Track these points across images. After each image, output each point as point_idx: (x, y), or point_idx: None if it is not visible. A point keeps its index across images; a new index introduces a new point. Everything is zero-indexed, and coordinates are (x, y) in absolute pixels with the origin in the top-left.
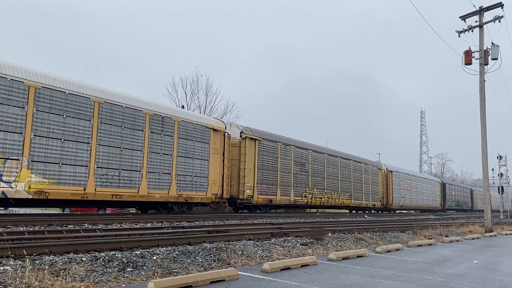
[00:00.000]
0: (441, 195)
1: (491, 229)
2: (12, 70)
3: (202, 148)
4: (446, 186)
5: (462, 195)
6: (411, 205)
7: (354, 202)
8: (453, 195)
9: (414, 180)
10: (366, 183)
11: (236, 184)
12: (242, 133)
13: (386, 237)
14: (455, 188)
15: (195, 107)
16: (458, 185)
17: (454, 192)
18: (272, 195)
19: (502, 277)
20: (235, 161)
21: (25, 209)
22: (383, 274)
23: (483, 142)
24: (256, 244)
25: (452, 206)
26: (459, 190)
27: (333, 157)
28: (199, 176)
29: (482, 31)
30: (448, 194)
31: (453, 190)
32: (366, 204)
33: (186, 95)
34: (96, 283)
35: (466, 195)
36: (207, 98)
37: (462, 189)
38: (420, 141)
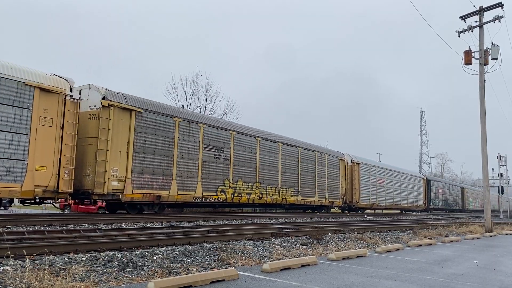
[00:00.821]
0: (425, 193)
1: (491, 229)
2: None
3: (14, 115)
4: (431, 183)
5: (451, 194)
6: (385, 204)
7: (302, 200)
8: (440, 193)
9: (390, 175)
10: (321, 176)
11: (92, 172)
12: (106, 99)
13: (386, 237)
14: (442, 186)
15: (195, 107)
16: (446, 182)
17: (442, 190)
18: (162, 190)
19: (502, 277)
20: (92, 140)
21: (25, 209)
22: (383, 274)
23: (483, 142)
24: (256, 244)
25: (439, 205)
26: (448, 187)
27: (271, 142)
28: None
29: (482, 31)
30: (434, 192)
31: (439, 188)
32: (320, 202)
33: (186, 95)
34: (96, 283)
35: (455, 194)
36: (207, 98)
37: (451, 186)
38: (420, 141)
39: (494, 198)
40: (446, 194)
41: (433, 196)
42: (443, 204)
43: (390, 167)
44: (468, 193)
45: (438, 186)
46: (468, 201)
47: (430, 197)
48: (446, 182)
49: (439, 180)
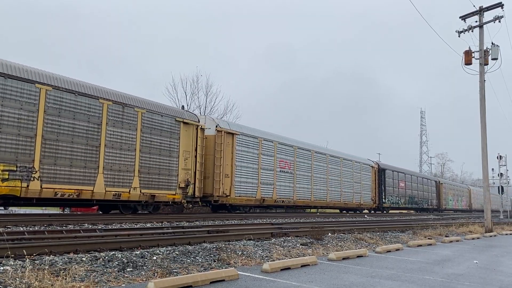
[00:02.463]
0: (375, 187)
1: (491, 229)
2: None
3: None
4: (386, 173)
5: (420, 189)
6: (293, 199)
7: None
8: (402, 187)
9: (306, 157)
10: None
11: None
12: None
13: (386, 237)
14: (406, 178)
15: (195, 107)
16: (413, 174)
17: (405, 183)
18: None
19: (502, 277)
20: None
21: (25, 209)
22: (383, 274)
23: (483, 142)
24: (256, 244)
25: (400, 203)
26: (416, 181)
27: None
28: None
29: (482, 31)
30: (392, 186)
31: (401, 180)
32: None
33: (186, 95)
34: (96, 283)
35: (428, 189)
36: (207, 98)
37: (422, 180)
38: (420, 141)
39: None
40: (412, 189)
41: (389, 190)
42: (407, 202)
43: (307, 146)
44: (446, 188)
45: (399, 178)
46: (446, 199)
47: (384, 191)
48: (413, 174)
49: (401, 170)
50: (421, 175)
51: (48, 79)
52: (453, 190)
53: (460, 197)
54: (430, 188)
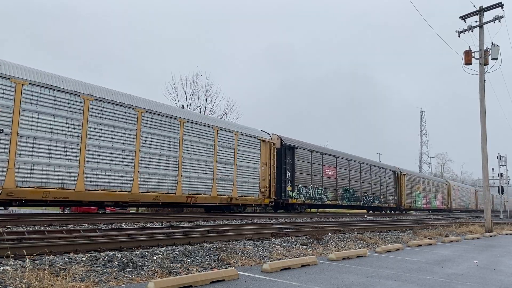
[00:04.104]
0: (269, 172)
1: (491, 229)
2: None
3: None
4: (297, 154)
5: (367, 180)
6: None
7: None
8: (331, 176)
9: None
10: None
11: None
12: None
13: (386, 237)
14: (339, 163)
15: (195, 107)
16: (352, 159)
17: (335, 170)
18: None
19: (502, 277)
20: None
21: (25, 209)
22: (383, 274)
23: (483, 142)
24: (256, 244)
25: (325, 198)
26: (357, 168)
27: (366, 165)
28: None
29: (482, 31)
30: (307, 172)
31: (328, 166)
32: None
33: (186, 95)
34: (96, 283)
35: (381, 181)
36: (207, 98)
37: (371, 168)
38: (420, 141)
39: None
40: (351, 180)
41: (302, 179)
42: (339, 197)
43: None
44: (411, 181)
45: (325, 163)
46: (411, 195)
47: (291, 180)
48: (353, 159)
49: (329, 152)
50: (368, 161)
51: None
52: (423, 184)
53: (434, 194)
54: (385, 180)
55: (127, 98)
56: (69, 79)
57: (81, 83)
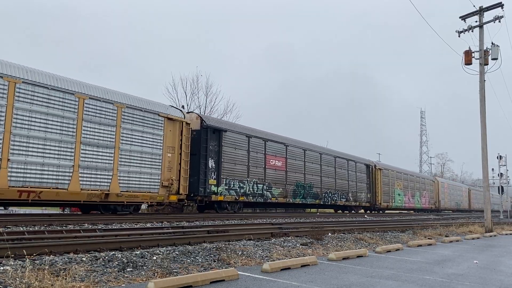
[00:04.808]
0: (180, 161)
1: (491, 229)
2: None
3: None
4: (225, 138)
5: (331, 174)
6: None
7: None
8: (277, 167)
9: None
10: None
11: None
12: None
13: (386, 237)
14: (290, 153)
15: (195, 107)
16: (310, 149)
17: (285, 161)
18: None
19: (502, 277)
20: None
21: (25, 209)
22: (383, 274)
23: (483, 142)
24: (256, 244)
25: (268, 194)
26: (316, 160)
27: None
28: None
29: (482, 31)
30: (240, 162)
31: (273, 156)
32: None
33: (186, 95)
34: (96, 283)
35: (350, 176)
36: (207, 98)
37: (335, 160)
38: (420, 141)
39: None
40: (307, 173)
41: (229, 170)
42: (289, 193)
43: None
44: (389, 177)
45: (268, 151)
46: (389, 192)
47: (215, 172)
48: (311, 149)
49: (273, 137)
50: (332, 152)
51: None
52: (405, 180)
53: (418, 192)
54: (355, 174)
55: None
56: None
57: None
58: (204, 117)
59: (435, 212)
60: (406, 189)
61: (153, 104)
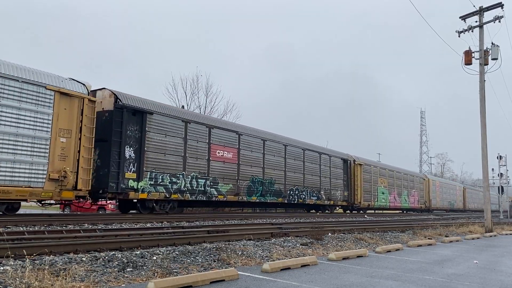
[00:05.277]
0: (74, 152)
1: (491, 229)
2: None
3: None
4: (149, 122)
5: (299, 169)
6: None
7: None
8: (226, 159)
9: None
10: None
11: None
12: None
13: (386, 237)
14: (244, 142)
15: (195, 107)
16: (269, 138)
17: (237, 152)
18: None
19: (502, 277)
20: None
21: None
22: (383, 274)
23: (483, 142)
24: (256, 244)
25: (212, 191)
26: (280, 152)
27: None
28: None
29: (482, 31)
30: (164, 152)
31: (218, 144)
32: None
33: (186, 95)
34: (96, 283)
35: (322, 172)
36: (207, 98)
37: (303, 153)
38: (420, 141)
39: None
40: (266, 167)
41: (156, 162)
42: (243, 190)
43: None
44: (370, 173)
45: (214, 139)
46: (371, 190)
47: (136, 163)
48: (261, 136)
49: (212, 123)
50: (300, 144)
51: None
52: (390, 177)
53: (406, 190)
54: (329, 170)
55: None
56: None
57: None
58: (120, 95)
59: (426, 212)
60: (392, 187)
61: (38, 74)
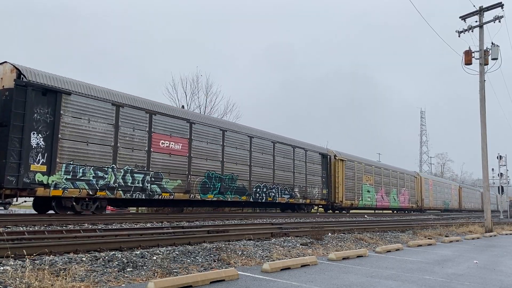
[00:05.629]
0: None
1: (491, 229)
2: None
3: None
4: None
5: (268, 164)
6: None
7: None
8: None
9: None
10: None
11: None
12: None
13: (386, 237)
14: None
15: (195, 107)
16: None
17: (188, 143)
18: None
19: (502, 277)
20: None
21: (25, 209)
22: (383, 274)
23: (483, 142)
24: (256, 244)
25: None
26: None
27: None
28: None
29: (482, 31)
30: (86, 140)
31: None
32: None
33: (186, 95)
34: (96, 283)
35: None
36: (207, 98)
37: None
38: (420, 141)
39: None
40: (219, 160)
41: (75, 152)
42: (193, 189)
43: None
44: (352, 169)
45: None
46: (354, 188)
47: (46, 152)
48: (220, 126)
49: (155, 108)
50: (270, 136)
51: None
52: (377, 174)
53: (395, 188)
54: (305, 165)
55: None
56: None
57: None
58: (26, 70)
59: (417, 212)
60: (379, 185)
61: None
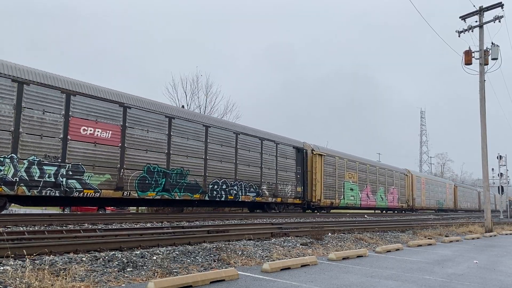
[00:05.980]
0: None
1: (491, 229)
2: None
3: None
4: None
5: (230, 158)
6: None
7: None
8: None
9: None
10: None
11: None
12: None
13: (386, 237)
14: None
15: (195, 107)
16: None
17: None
18: None
19: (502, 277)
20: None
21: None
22: (383, 274)
23: (483, 142)
24: (256, 244)
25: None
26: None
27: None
28: None
29: (482, 31)
30: None
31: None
32: None
33: (186, 95)
34: (96, 283)
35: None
36: (207, 98)
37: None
38: (420, 141)
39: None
40: (164, 152)
41: None
42: (126, 185)
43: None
44: (336, 166)
45: (74, 112)
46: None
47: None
48: (166, 113)
49: (72, 87)
50: (233, 127)
51: None
52: (361, 171)
53: (383, 186)
54: (275, 160)
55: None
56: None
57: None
58: None
59: (409, 211)
60: (364, 183)
61: None
